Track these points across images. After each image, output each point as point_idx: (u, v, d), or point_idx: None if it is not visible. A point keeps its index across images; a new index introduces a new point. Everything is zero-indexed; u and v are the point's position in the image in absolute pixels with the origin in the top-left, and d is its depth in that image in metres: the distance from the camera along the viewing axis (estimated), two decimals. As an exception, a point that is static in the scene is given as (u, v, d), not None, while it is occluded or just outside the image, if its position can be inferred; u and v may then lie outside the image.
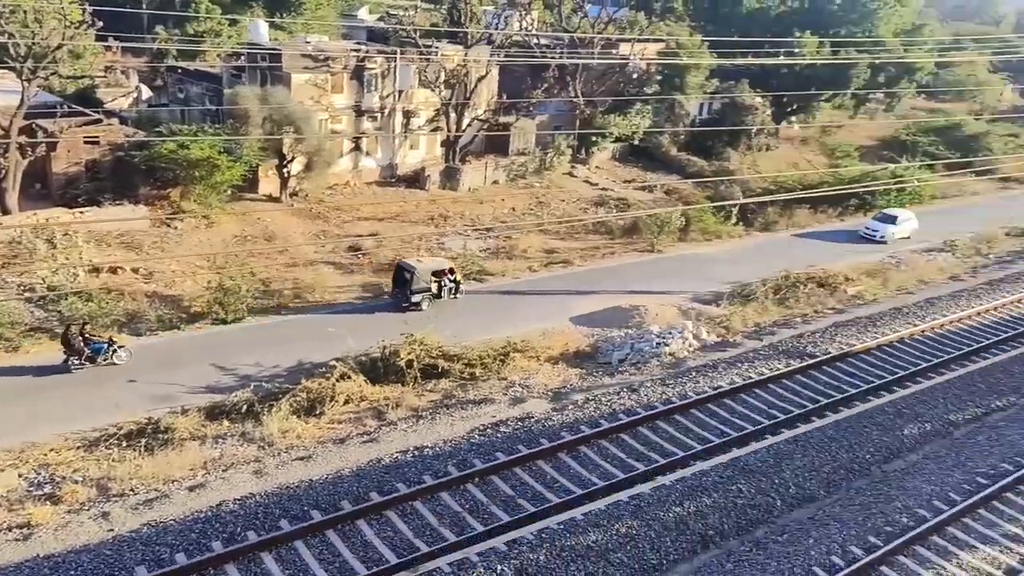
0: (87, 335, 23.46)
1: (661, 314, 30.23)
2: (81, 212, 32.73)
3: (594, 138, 51.75)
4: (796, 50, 56.95)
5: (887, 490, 19.50)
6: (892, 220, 43.22)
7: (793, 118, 63.78)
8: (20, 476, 18.55)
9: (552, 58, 50.07)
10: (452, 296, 30.66)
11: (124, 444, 20.00)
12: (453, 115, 46.03)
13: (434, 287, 29.98)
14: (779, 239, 42.40)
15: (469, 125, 46.81)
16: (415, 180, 45.32)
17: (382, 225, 38.92)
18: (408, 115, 46.06)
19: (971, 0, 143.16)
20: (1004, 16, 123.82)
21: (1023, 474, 19.93)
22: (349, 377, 23.24)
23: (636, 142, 53.98)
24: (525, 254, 37.06)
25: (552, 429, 21.36)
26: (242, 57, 43.58)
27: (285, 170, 39.10)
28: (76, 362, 23.18)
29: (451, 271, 30.91)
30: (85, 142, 34.77)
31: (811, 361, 25.86)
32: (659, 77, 55.82)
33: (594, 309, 31.15)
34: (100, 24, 34.25)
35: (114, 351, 23.68)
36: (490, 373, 25.01)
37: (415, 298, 29.57)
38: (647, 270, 36.27)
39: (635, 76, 55.88)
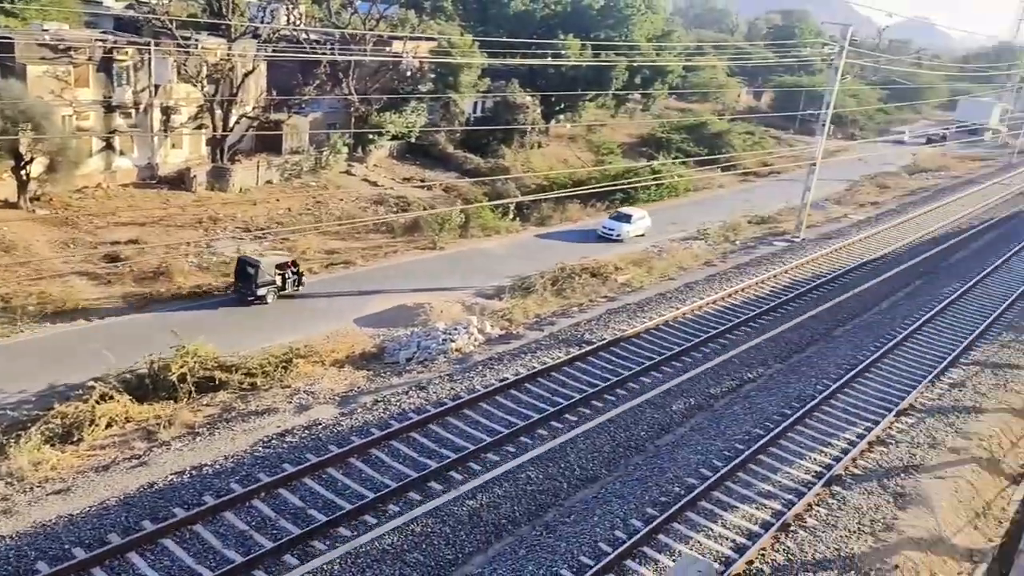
0: None
1: (446, 311, 30.52)
2: None
3: (370, 136, 51.21)
4: (561, 52, 59.75)
5: (660, 463, 20.99)
6: (627, 219, 44.34)
7: (561, 116, 66.88)
8: None
9: (323, 54, 48.84)
10: (295, 288, 31.02)
11: None
12: (219, 112, 43.55)
13: (278, 280, 30.22)
14: (525, 240, 43.60)
15: (237, 123, 44.53)
16: (179, 181, 42.37)
17: (143, 230, 35.98)
18: (167, 111, 42.91)
19: (710, 11, 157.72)
20: (737, 26, 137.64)
21: (772, 437, 22.21)
22: (111, 397, 21.28)
23: (413, 140, 54.09)
24: (304, 256, 35.86)
25: (341, 434, 20.86)
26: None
27: (23, 172, 35.03)
28: None
29: (294, 263, 31.20)
30: None
31: (589, 348, 27.24)
32: (433, 75, 56.27)
33: (379, 309, 30.86)
34: None
35: None
36: (272, 382, 23.98)
37: (260, 291, 29.71)
38: (430, 268, 36.50)
39: (409, 74, 55.94)
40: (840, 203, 59.09)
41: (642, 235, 44.50)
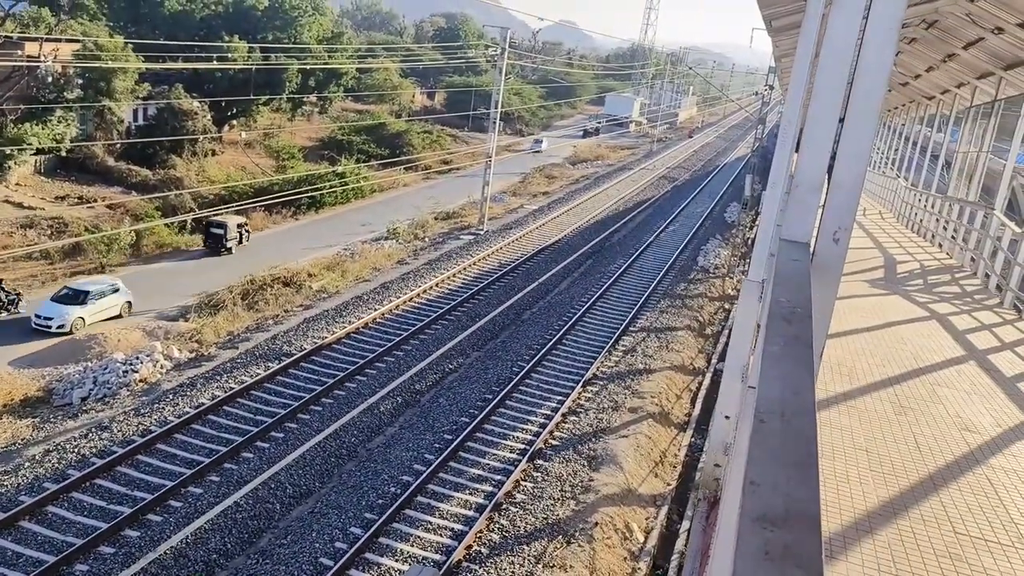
0: None
1: (124, 339, 27.77)
2: None
3: (8, 151, 44.84)
4: (228, 55, 56.88)
5: (374, 466, 20.98)
6: (80, 298, 29.85)
7: (235, 122, 63.81)
8: None
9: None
10: (246, 241, 41.50)
11: None
12: None
13: (238, 235, 40.27)
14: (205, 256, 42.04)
15: None
16: None
17: None
18: None
19: (377, 13, 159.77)
20: (405, 28, 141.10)
21: (477, 423, 23.22)
22: None
23: (64, 153, 48.31)
24: (-65, 295, 30.53)
25: (6, 496, 18.09)
26: None
27: None
28: None
29: (244, 224, 41.69)
30: None
31: (288, 360, 26.38)
32: (81, 81, 50.64)
33: (41, 347, 27.22)
34: None
35: None
36: (-93, 449, 20.13)
37: (229, 244, 40.10)
38: None
39: (51, 80, 49.77)
40: (516, 195, 63.26)
41: (117, 316, 31.04)
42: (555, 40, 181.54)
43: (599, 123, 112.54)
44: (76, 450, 20.29)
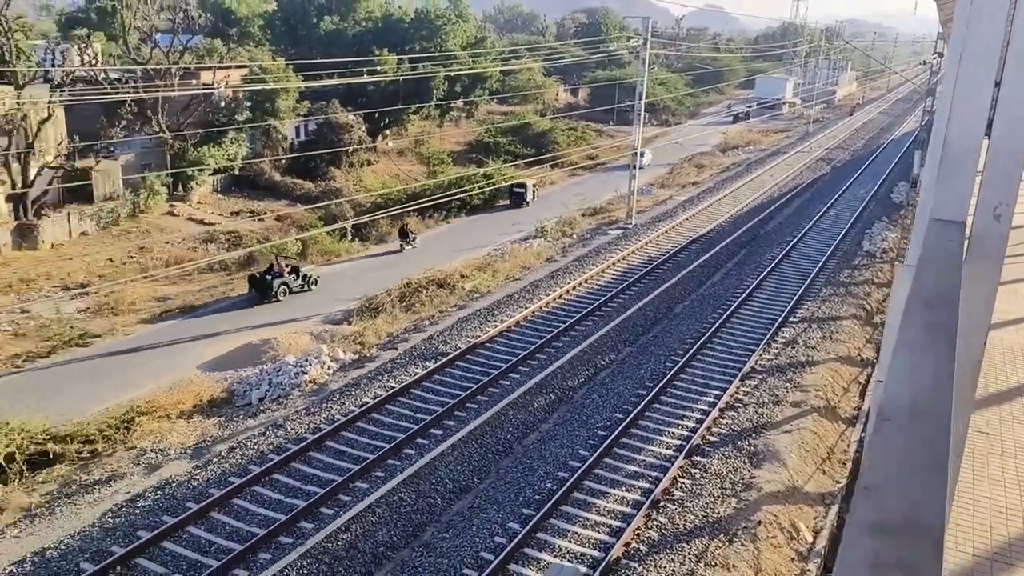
0: None
1: (295, 343, 29.58)
2: None
3: (190, 172, 48.86)
4: (378, 67, 59.36)
5: (529, 462, 21.26)
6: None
7: (387, 132, 66.50)
8: None
9: (126, 93, 46.11)
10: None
11: None
12: (16, 165, 40.16)
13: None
14: (365, 260, 43.71)
15: (39, 174, 41.24)
16: (-21, 245, 38.78)
17: (-57, 303, 32.70)
18: (-46, 171, 39.17)
19: (519, 15, 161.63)
20: (547, 27, 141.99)
21: (632, 419, 23.02)
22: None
23: (237, 171, 52.12)
24: (133, 307, 33.73)
25: (198, 489, 19.76)
26: None
27: None
28: None
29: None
30: None
31: (445, 360, 27.19)
32: (249, 104, 54.44)
33: (223, 352, 29.45)
34: None
35: None
36: (115, 445, 22.36)
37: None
38: (218, 320, 33.25)
39: (223, 104, 53.82)
40: (664, 186, 62.17)
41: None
42: (700, 26, 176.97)
43: (749, 107, 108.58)
44: (256, 447, 21.83)
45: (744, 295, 34.20)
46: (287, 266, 36.36)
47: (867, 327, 32.23)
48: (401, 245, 43.70)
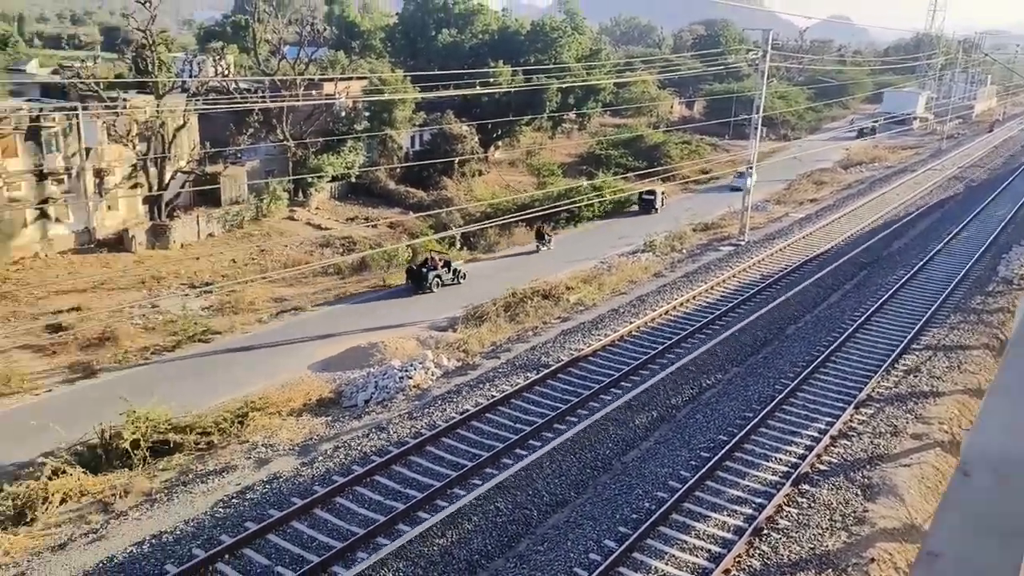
0: None
1: (401, 347, 30.17)
2: None
3: (310, 179, 50.85)
4: (492, 79, 60.15)
5: (628, 480, 20.87)
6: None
7: (499, 143, 67.26)
8: None
9: (254, 102, 48.46)
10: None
11: None
12: (153, 169, 42.85)
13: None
14: (473, 267, 44.07)
15: (172, 178, 43.87)
16: (119, 243, 41.54)
17: (85, 297, 35.08)
18: (100, 174, 42.09)
19: (636, 27, 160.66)
20: (663, 39, 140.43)
21: (736, 441, 22.28)
22: (64, 472, 20.52)
23: (354, 179, 53.87)
24: (252, 306, 35.26)
25: (303, 485, 20.37)
26: None
27: (-46, 250, 34.04)
28: None
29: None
30: None
31: (546, 371, 27.11)
32: (368, 114, 56.20)
33: (333, 353, 30.37)
34: None
35: None
36: (229, 438, 23.37)
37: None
38: (380, 306, 36.12)
39: (343, 114, 55.79)
40: (780, 203, 60.21)
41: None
42: (825, 38, 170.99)
43: (875, 122, 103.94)
44: (359, 448, 22.34)
45: (862, 318, 32.62)
46: (440, 260, 38.70)
47: (1000, 358, 30.10)
48: (537, 246, 45.55)
